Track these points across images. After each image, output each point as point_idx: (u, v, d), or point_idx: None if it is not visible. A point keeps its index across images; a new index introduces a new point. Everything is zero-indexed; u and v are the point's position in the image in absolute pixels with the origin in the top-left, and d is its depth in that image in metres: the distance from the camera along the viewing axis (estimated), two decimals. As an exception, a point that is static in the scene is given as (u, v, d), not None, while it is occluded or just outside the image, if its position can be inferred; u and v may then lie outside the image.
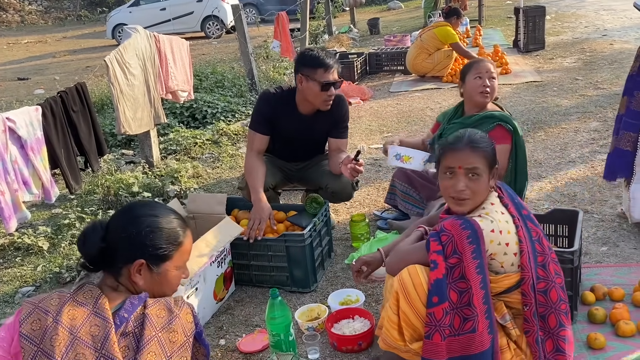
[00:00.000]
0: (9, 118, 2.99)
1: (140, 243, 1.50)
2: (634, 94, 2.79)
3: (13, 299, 3.05)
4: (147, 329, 1.40)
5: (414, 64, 7.07)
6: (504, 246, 1.84)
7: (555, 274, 1.91)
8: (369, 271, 2.25)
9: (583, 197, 3.45)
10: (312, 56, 2.88)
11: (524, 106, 5.52)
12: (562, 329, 1.88)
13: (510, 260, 1.86)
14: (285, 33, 7.43)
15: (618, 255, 2.77)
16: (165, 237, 1.53)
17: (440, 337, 1.77)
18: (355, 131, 5.34)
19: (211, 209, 2.92)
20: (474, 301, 1.77)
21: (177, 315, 1.46)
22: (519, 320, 1.91)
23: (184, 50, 4.91)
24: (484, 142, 1.95)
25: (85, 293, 1.44)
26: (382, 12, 16.98)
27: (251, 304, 2.71)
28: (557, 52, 7.84)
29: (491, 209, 1.89)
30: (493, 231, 1.83)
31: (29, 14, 22.44)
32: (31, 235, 3.64)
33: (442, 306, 1.77)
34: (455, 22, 7.02)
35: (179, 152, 5.15)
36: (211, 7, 15.07)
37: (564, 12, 11.62)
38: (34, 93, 9.24)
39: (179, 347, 1.44)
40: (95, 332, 1.37)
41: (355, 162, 2.73)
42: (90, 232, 1.53)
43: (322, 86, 2.84)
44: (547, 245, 1.94)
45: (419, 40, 7.00)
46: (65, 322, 1.37)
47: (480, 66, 2.96)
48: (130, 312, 1.43)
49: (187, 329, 1.47)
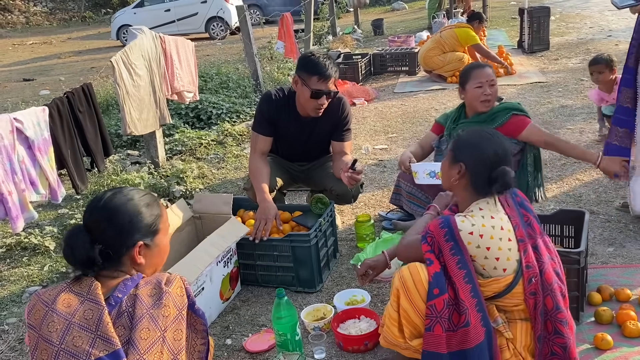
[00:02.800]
0: (17, 119, 3.01)
1: (132, 229, 1.56)
2: (622, 90, 2.86)
3: (20, 298, 3.07)
4: (138, 308, 1.45)
5: (425, 57, 7.06)
6: (484, 250, 1.84)
7: (549, 259, 1.92)
8: (374, 274, 2.26)
9: (589, 197, 3.44)
10: (312, 62, 2.85)
11: (529, 107, 5.50)
12: (559, 311, 1.87)
13: (492, 264, 1.85)
14: (290, 34, 7.44)
15: (624, 256, 2.77)
16: (149, 214, 1.60)
17: (441, 329, 1.79)
18: (360, 132, 5.34)
19: (217, 209, 2.93)
20: (460, 295, 1.80)
21: (166, 291, 1.50)
22: (514, 324, 1.91)
23: (190, 51, 4.93)
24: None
25: (81, 283, 1.50)
26: (386, 13, 16.97)
27: (257, 304, 2.72)
28: (562, 53, 7.83)
29: (477, 213, 1.89)
30: (472, 233, 1.84)
31: (34, 15, 22.53)
32: (38, 235, 3.65)
33: (442, 297, 1.80)
34: (477, 26, 7.03)
35: (184, 153, 5.17)
36: (216, 8, 15.10)
37: (569, 13, 11.59)
38: (39, 94, 9.28)
39: (173, 320, 1.49)
40: (89, 316, 1.43)
41: (352, 171, 2.72)
42: (75, 240, 1.51)
43: (311, 93, 2.83)
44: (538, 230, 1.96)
45: (438, 36, 7.00)
46: (61, 309, 1.44)
47: (479, 74, 2.93)
48: (124, 293, 1.48)
49: (178, 302, 1.52)
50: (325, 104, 2.89)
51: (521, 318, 1.92)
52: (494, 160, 1.91)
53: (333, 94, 2.89)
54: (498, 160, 1.91)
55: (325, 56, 2.91)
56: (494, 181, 1.89)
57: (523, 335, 1.91)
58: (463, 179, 1.96)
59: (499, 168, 1.89)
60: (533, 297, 1.86)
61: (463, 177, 1.96)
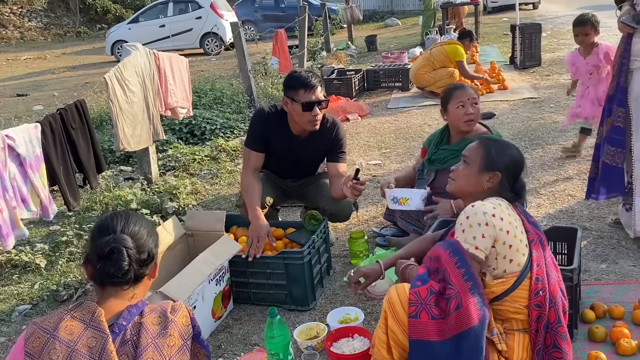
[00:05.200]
0: (9, 135, 3.00)
1: (154, 247, 1.61)
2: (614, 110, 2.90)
3: (10, 317, 3.03)
4: (142, 337, 1.43)
5: (416, 74, 7.12)
6: (504, 234, 1.86)
7: (555, 275, 1.94)
8: (367, 283, 2.26)
9: (581, 214, 3.45)
10: (294, 78, 2.90)
11: (521, 123, 5.54)
12: (560, 325, 1.87)
13: (505, 252, 1.86)
14: (284, 50, 7.48)
15: (617, 273, 2.77)
16: (155, 233, 1.64)
17: (427, 316, 1.76)
18: (354, 147, 5.35)
19: (210, 226, 2.91)
20: (451, 278, 1.79)
21: (172, 320, 1.49)
22: (511, 335, 1.90)
23: (183, 67, 4.94)
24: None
25: (83, 309, 1.46)
26: (380, 29, 17.13)
27: (250, 323, 2.70)
28: (554, 69, 7.90)
29: (489, 202, 1.93)
30: (494, 215, 1.86)
31: (29, 31, 22.56)
32: (29, 252, 3.62)
33: (425, 285, 1.79)
34: (468, 44, 7.09)
35: (177, 169, 5.16)
36: (210, 24, 15.19)
37: (560, 29, 11.73)
38: (32, 109, 9.25)
39: (177, 351, 1.47)
40: (92, 344, 1.40)
41: (355, 182, 2.72)
42: (119, 256, 1.51)
43: (303, 106, 2.84)
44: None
45: (429, 53, 7.07)
46: (63, 336, 1.40)
47: (461, 94, 2.95)
48: (128, 320, 1.46)
49: (184, 332, 1.50)
50: (319, 114, 2.89)
51: (519, 329, 1.91)
52: (521, 170, 2.05)
53: (324, 103, 2.91)
54: (522, 169, 2.06)
55: (306, 70, 2.97)
56: (515, 190, 2.02)
57: (520, 348, 1.89)
58: (493, 186, 2.01)
59: (519, 179, 2.03)
60: (538, 310, 1.86)
61: (495, 186, 2.01)
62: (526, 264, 1.88)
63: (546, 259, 1.94)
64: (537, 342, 1.87)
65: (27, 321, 2.95)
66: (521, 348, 1.89)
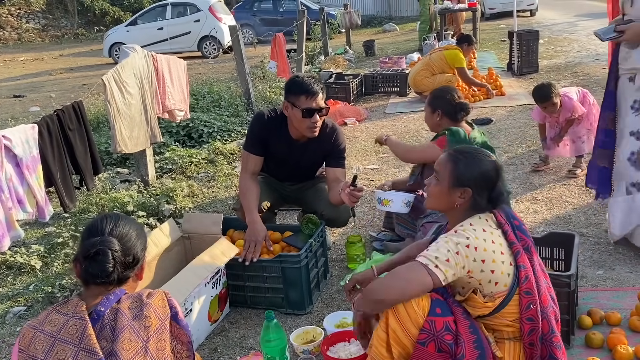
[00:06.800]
0: (5, 136, 2.99)
1: (140, 251, 1.65)
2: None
3: (4, 319, 3.01)
4: (119, 320, 1.49)
5: (415, 79, 7.12)
6: (479, 263, 1.82)
7: (545, 283, 1.92)
8: (361, 290, 2.24)
9: (578, 220, 3.46)
10: (297, 83, 2.87)
11: (518, 129, 5.56)
12: (554, 335, 1.86)
13: (488, 277, 1.84)
14: (282, 54, 7.49)
15: (614, 279, 2.77)
16: (144, 237, 1.69)
17: (435, 348, 1.76)
18: (351, 152, 5.35)
19: (207, 229, 2.90)
20: (459, 329, 1.79)
21: (147, 303, 1.54)
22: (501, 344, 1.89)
23: (181, 69, 4.94)
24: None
25: (68, 305, 1.54)
26: (378, 34, 17.17)
27: (246, 326, 2.68)
28: (551, 76, 7.93)
29: (468, 227, 1.88)
30: (468, 247, 1.82)
31: (27, 32, 22.54)
32: (24, 253, 3.60)
33: (444, 319, 1.78)
34: (466, 48, 7.08)
35: (174, 171, 5.14)
36: (208, 28, 15.19)
37: (557, 36, 11.79)
38: (29, 110, 9.23)
39: (155, 331, 1.52)
40: (73, 331, 1.47)
41: (352, 188, 2.71)
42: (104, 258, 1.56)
43: (303, 112, 2.83)
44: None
45: (428, 58, 7.08)
46: (47, 329, 1.49)
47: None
48: (106, 307, 1.53)
49: (160, 313, 1.55)
50: (318, 121, 2.87)
51: (509, 338, 1.90)
52: (495, 181, 1.96)
53: (325, 110, 2.90)
54: (497, 180, 1.96)
55: (309, 76, 2.92)
56: (492, 200, 1.94)
57: (512, 356, 1.88)
58: (465, 202, 1.96)
59: (496, 188, 1.94)
60: (530, 323, 1.84)
61: (466, 202, 1.96)
62: (513, 282, 1.85)
63: (534, 267, 1.90)
64: (533, 356, 1.86)
65: (21, 323, 2.93)
66: (512, 357, 1.88)
